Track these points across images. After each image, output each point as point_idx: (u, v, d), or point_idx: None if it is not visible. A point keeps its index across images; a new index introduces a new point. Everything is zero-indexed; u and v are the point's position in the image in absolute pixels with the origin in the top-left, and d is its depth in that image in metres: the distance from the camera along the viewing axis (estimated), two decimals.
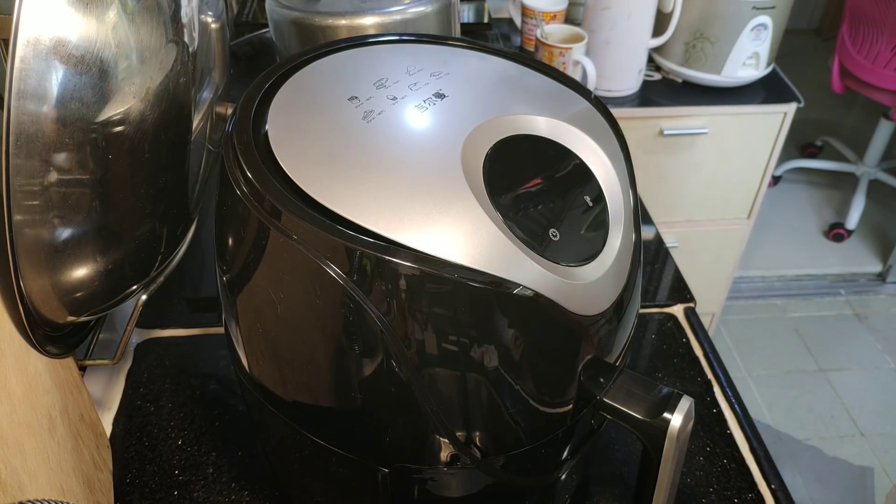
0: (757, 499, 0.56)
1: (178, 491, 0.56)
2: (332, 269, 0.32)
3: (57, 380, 0.47)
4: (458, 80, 0.41)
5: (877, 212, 2.30)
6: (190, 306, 0.73)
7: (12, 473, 0.38)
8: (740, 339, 1.91)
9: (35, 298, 0.42)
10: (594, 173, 0.40)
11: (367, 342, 0.34)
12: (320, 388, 0.39)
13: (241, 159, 0.34)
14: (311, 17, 0.70)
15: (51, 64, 0.36)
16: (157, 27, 0.42)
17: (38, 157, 0.37)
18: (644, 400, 0.40)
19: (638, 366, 0.67)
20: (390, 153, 0.35)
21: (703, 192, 1.31)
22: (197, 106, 0.51)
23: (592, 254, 0.37)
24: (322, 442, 0.40)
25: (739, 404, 0.63)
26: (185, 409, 0.62)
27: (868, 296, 2.06)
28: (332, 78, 0.41)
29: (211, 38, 0.54)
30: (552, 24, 1.12)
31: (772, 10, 1.09)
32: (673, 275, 0.78)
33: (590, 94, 0.44)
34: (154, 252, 0.51)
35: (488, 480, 0.42)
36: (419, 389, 0.35)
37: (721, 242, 1.40)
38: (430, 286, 0.32)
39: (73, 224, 0.41)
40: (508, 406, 0.37)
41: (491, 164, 0.36)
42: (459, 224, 0.32)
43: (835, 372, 1.82)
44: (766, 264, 2.11)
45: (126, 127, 0.41)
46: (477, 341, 0.34)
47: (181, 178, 0.51)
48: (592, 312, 0.36)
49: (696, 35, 1.13)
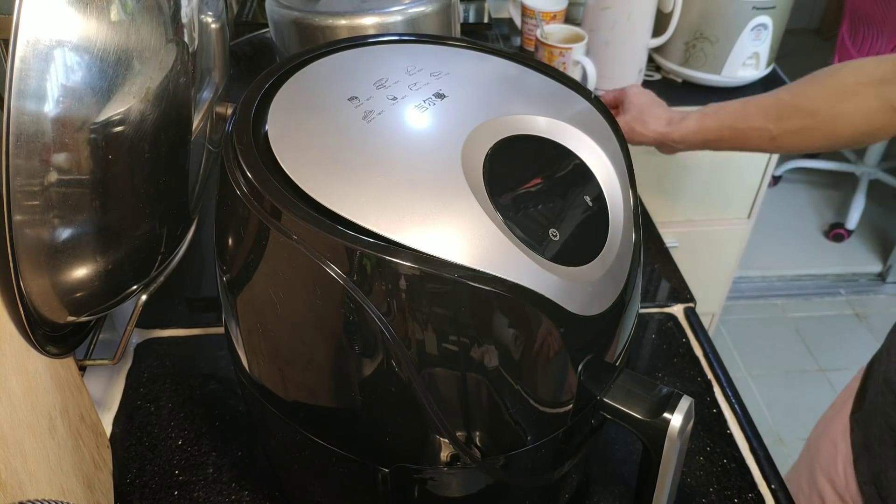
0: (757, 499, 0.56)
1: (178, 491, 0.56)
2: (332, 269, 0.32)
3: (57, 380, 0.47)
4: (458, 80, 0.41)
5: (877, 212, 2.30)
6: (190, 306, 0.73)
7: (12, 473, 0.38)
8: (740, 339, 1.91)
9: (35, 298, 0.42)
10: (594, 173, 0.40)
11: (367, 342, 0.34)
12: (320, 388, 0.39)
13: (241, 159, 0.34)
14: (311, 17, 0.70)
15: (51, 64, 0.36)
16: (157, 27, 0.42)
17: (38, 157, 0.37)
18: (644, 400, 0.40)
19: (638, 366, 0.67)
20: (390, 153, 0.35)
21: (703, 192, 1.31)
22: (197, 106, 0.51)
23: (592, 254, 0.37)
24: (322, 442, 0.40)
25: (739, 404, 0.63)
26: (185, 409, 0.62)
27: (868, 296, 2.07)
28: (332, 78, 0.41)
29: (211, 38, 0.54)
30: (552, 24, 1.12)
31: (772, 10, 1.09)
32: (673, 275, 0.78)
33: (590, 94, 0.44)
34: (154, 252, 0.51)
35: (488, 480, 0.42)
36: (419, 389, 0.35)
37: (721, 242, 1.40)
38: (430, 286, 0.32)
39: (73, 224, 0.41)
40: (508, 406, 0.37)
41: (491, 164, 0.36)
42: (459, 224, 0.32)
43: (835, 372, 1.82)
44: (766, 264, 2.11)
45: (126, 127, 0.41)
46: (477, 341, 0.34)
47: (181, 178, 0.51)
48: (592, 312, 0.36)
49: (696, 35, 1.13)
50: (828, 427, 0.71)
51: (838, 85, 0.65)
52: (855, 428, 0.65)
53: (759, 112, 0.69)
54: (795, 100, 0.67)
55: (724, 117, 0.72)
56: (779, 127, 0.68)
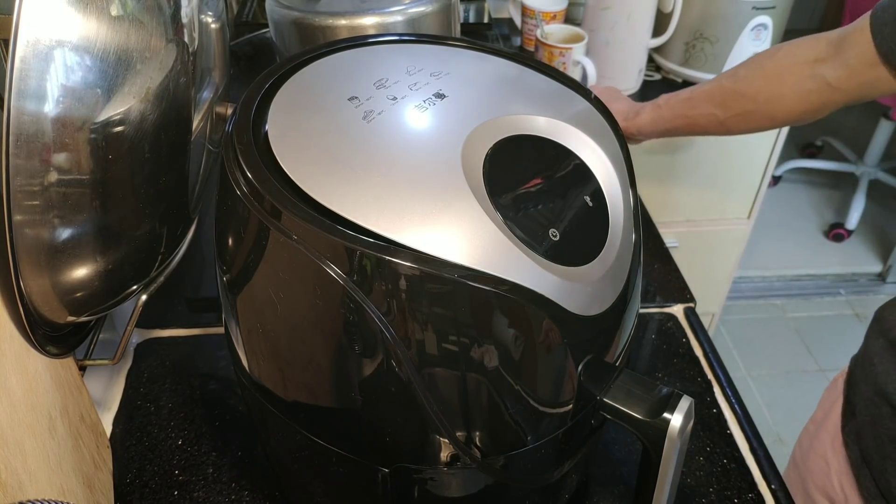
0: (757, 499, 0.56)
1: (178, 491, 0.56)
2: (332, 269, 0.32)
3: (57, 380, 0.47)
4: (458, 80, 0.41)
5: (877, 212, 2.30)
6: (190, 306, 0.73)
7: (12, 473, 0.38)
8: (740, 339, 1.91)
9: (35, 298, 0.42)
10: (594, 173, 0.40)
11: (367, 342, 0.34)
12: (320, 388, 0.39)
13: (241, 159, 0.34)
14: (311, 17, 0.70)
15: (51, 64, 0.36)
16: (157, 27, 0.42)
17: (38, 157, 0.37)
18: (644, 400, 0.40)
19: (638, 366, 0.67)
20: (390, 153, 0.35)
21: (703, 192, 1.31)
22: (197, 106, 0.51)
23: (592, 254, 0.37)
24: (322, 442, 0.40)
25: (739, 404, 0.63)
26: (185, 409, 0.62)
27: (868, 296, 2.06)
28: (332, 78, 0.41)
29: (211, 38, 0.54)
30: (552, 24, 1.12)
31: (772, 10, 1.09)
32: (673, 275, 0.78)
33: (590, 94, 0.44)
34: (154, 252, 0.51)
35: (488, 480, 0.42)
36: (419, 389, 0.35)
37: (721, 242, 1.40)
38: (430, 286, 0.32)
39: (73, 224, 0.41)
40: (508, 406, 0.37)
41: (491, 164, 0.36)
42: (459, 224, 0.32)
43: (835, 372, 1.80)
44: (766, 264, 2.11)
45: (126, 127, 0.41)
46: (477, 341, 0.34)
47: (181, 178, 0.51)
48: (592, 312, 0.36)
49: (696, 35, 1.13)
50: (813, 442, 0.71)
51: (775, 67, 0.66)
52: (849, 443, 0.64)
53: (706, 99, 0.71)
54: (736, 85, 0.69)
55: (676, 106, 0.74)
56: (724, 112, 0.70)
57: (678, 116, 0.74)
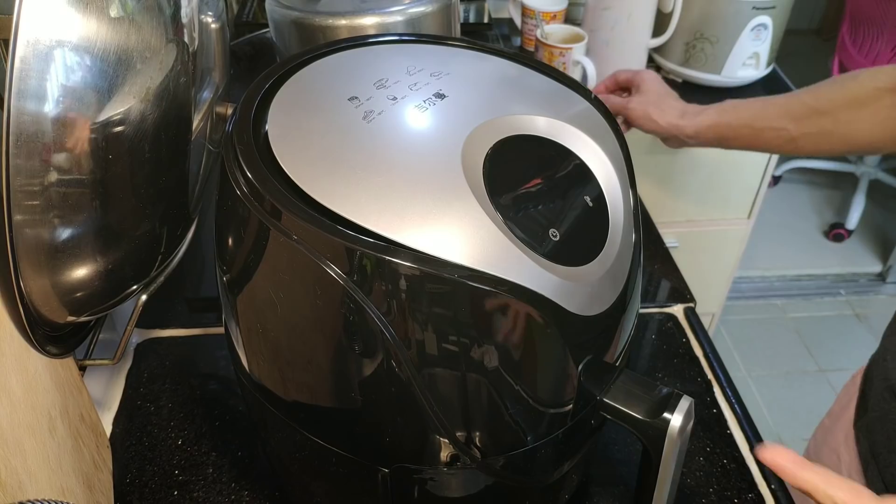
0: (757, 499, 0.56)
1: (178, 491, 0.56)
2: (332, 270, 0.32)
3: (57, 380, 0.47)
4: (458, 80, 0.41)
5: (877, 212, 2.30)
6: (190, 306, 0.73)
7: (12, 473, 0.38)
8: (740, 339, 1.91)
9: (35, 298, 0.42)
10: (594, 173, 0.40)
11: (367, 342, 0.34)
12: (320, 388, 0.39)
13: (241, 159, 0.34)
14: (311, 17, 0.70)
15: (51, 64, 0.36)
16: (157, 27, 0.42)
17: (38, 157, 0.37)
18: (644, 400, 0.40)
19: (638, 366, 0.67)
20: (390, 153, 0.35)
21: (703, 192, 1.31)
22: (197, 106, 0.51)
23: (592, 254, 0.37)
24: (322, 442, 0.40)
25: (739, 404, 0.63)
26: (185, 409, 0.62)
27: (868, 296, 2.07)
28: (332, 78, 0.41)
29: (211, 38, 0.54)
30: (552, 24, 1.12)
31: (772, 10, 1.09)
32: (673, 275, 0.78)
33: (590, 94, 0.44)
34: (154, 252, 0.51)
35: (488, 481, 0.42)
36: (419, 389, 0.35)
37: (721, 242, 1.40)
38: (430, 286, 0.32)
39: (73, 224, 0.41)
40: (508, 406, 0.37)
41: (491, 164, 0.36)
42: (459, 224, 0.32)
43: (835, 372, 1.82)
44: (766, 264, 2.11)
45: (126, 127, 0.41)
46: (477, 341, 0.34)
47: (181, 178, 0.51)
48: (592, 312, 0.36)
49: (696, 35, 1.13)
50: (827, 436, 0.71)
51: (857, 89, 0.64)
52: (860, 437, 0.64)
53: (780, 112, 0.68)
54: (816, 102, 0.67)
55: (743, 115, 0.71)
56: (798, 128, 0.67)
57: (744, 126, 0.70)
